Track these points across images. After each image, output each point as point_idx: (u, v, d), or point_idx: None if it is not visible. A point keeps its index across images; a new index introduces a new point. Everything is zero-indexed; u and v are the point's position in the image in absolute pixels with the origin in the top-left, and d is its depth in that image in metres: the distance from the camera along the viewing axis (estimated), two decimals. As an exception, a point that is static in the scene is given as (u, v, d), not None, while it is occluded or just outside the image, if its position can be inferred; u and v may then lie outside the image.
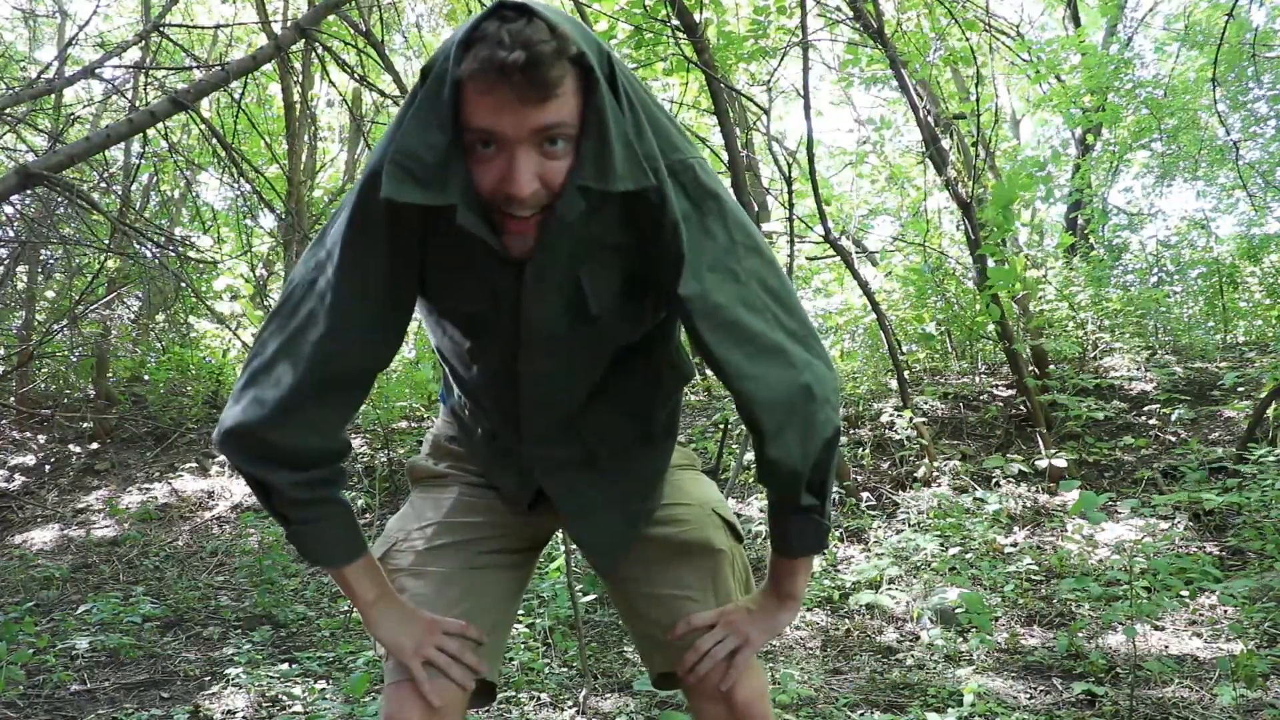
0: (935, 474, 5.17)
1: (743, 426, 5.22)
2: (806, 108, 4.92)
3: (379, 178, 1.08)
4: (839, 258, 6.01)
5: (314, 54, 6.02)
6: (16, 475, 6.33)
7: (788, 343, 1.20)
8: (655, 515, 1.41)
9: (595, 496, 1.36)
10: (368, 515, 5.82)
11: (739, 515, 4.68)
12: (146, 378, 7.92)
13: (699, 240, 1.16)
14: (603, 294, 1.19)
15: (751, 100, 6.23)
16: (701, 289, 1.15)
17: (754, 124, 7.16)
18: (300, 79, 7.13)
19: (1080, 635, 3.44)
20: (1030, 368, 5.85)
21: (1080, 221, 8.50)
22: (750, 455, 5.19)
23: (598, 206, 1.11)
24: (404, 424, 7.24)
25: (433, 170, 1.07)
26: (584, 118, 1.07)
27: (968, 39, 5.62)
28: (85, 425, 6.97)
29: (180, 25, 6.35)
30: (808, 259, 8.14)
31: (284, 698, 2.99)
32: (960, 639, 3.46)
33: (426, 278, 1.23)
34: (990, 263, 5.30)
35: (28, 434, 6.90)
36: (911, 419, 5.30)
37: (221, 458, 6.71)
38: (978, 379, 6.64)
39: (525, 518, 1.43)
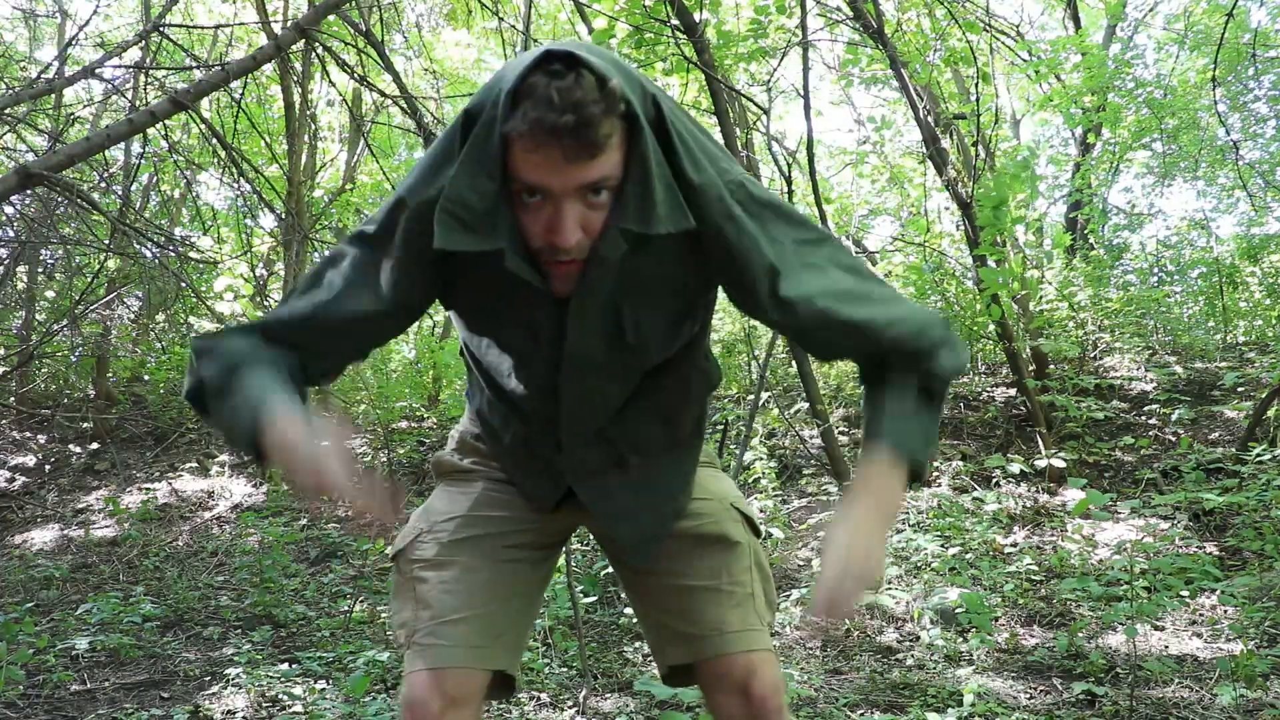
0: (935, 474, 5.17)
1: (742, 425, 5.19)
2: (806, 108, 4.92)
3: (407, 205, 1.16)
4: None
5: (314, 54, 6.02)
6: (17, 475, 6.33)
7: (896, 295, 1.26)
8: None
9: (628, 499, 1.39)
10: (368, 515, 5.81)
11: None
12: (146, 378, 7.92)
13: (773, 250, 1.20)
14: (643, 322, 1.24)
15: (751, 100, 6.23)
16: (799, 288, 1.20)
17: (754, 124, 7.15)
18: (300, 79, 7.13)
19: (1080, 635, 3.44)
20: (1030, 368, 5.85)
21: (1080, 221, 8.50)
22: (750, 455, 5.19)
23: (643, 245, 1.15)
24: (404, 424, 7.24)
25: (481, 216, 1.11)
26: (627, 163, 1.10)
27: (968, 39, 5.62)
28: (85, 425, 6.97)
29: (180, 25, 6.33)
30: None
31: (284, 698, 2.99)
32: (960, 639, 3.46)
33: (461, 303, 1.29)
34: (990, 262, 5.29)
35: (28, 434, 6.90)
36: (911, 419, 5.29)
37: (222, 458, 6.72)
38: (978, 379, 6.64)
39: (549, 516, 1.45)
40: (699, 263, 1.21)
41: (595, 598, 4.04)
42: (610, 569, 1.54)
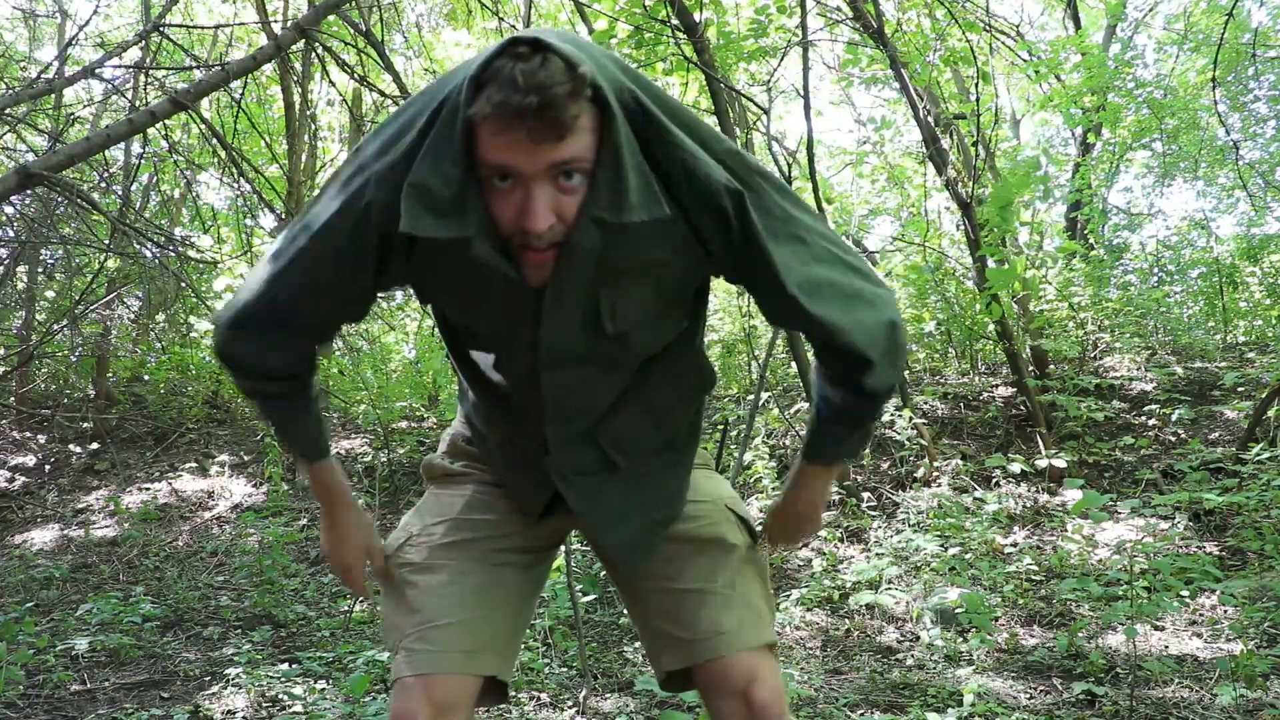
0: (935, 474, 5.17)
1: (742, 427, 5.18)
2: (806, 108, 4.92)
3: (368, 188, 1.13)
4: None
5: (314, 54, 6.02)
6: (17, 475, 6.33)
7: (860, 283, 1.24)
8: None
9: (619, 503, 1.35)
10: (368, 515, 5.81)
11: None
12: (146, 378, 7.92)
13: (764, 221, 1.18)
14: (621, 311, 1.21)
15: (751, 100, 6.23)
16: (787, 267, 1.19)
17: (754, 124, 7.15)
18: (300, 79, 7.12)
19: (1080, 635, 3.44)
20: (1030, 368, 5.85)
21: (1080, 221, 8.50)
22: (750, 455, 5.19)
23: (621, 233, 1.12)
24: (404, 424, 7.24)
25: (447, 203, 1.09)
26: (600, 149, 1.08)
27: (968, 39, 5.61)
28: (85, 425, 6.97)
29: (180, 25, 6.33)
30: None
31: (284, 698, 2.99)
32: (960, 639, 3.46)
33: (436, 292, 1.26)
34: (990, 263, 5.29)
35: (28, 434, 6.90)
36: (911, 419, 5.30)
37: (222, 458, 6.73)
38: (978, 379, 6.64)
39: (539, 523, 1.42)
40: (685, 247, 1.18)
41: (595, 597, 4.04)
42: (610, 569, 1.55)
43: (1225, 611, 3.62)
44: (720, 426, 5.64)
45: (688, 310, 1.31)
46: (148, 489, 6.19)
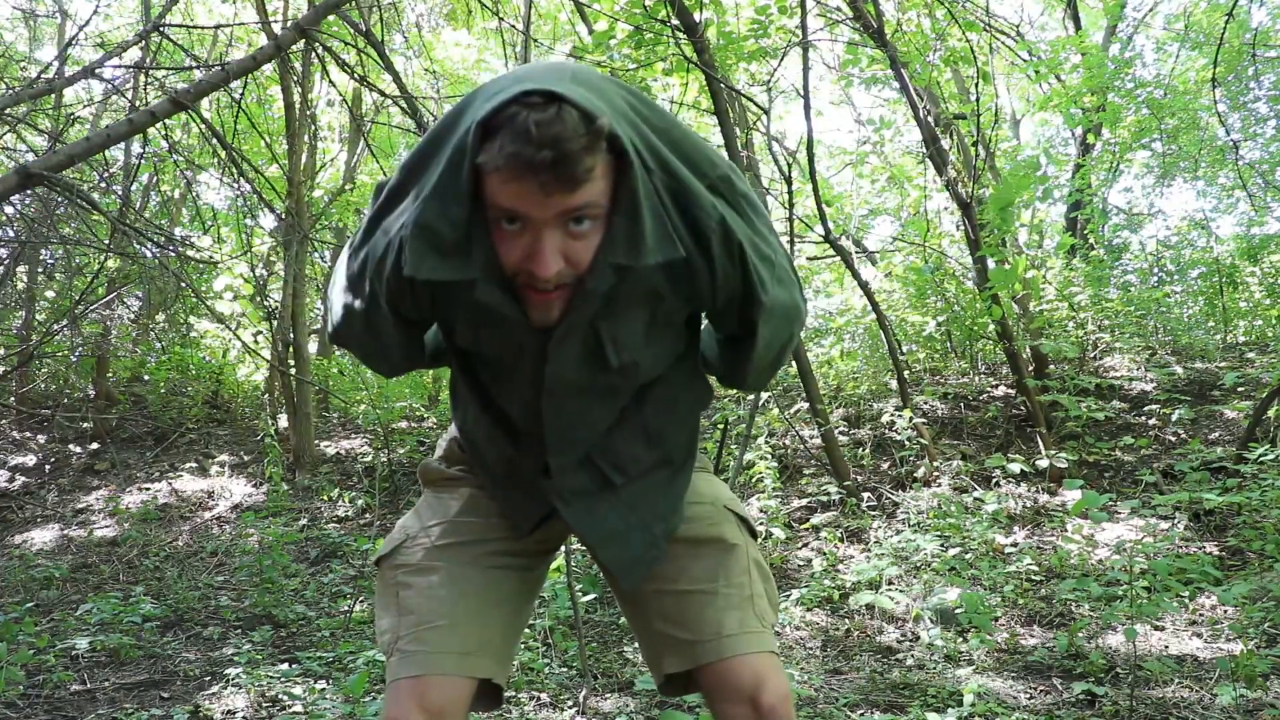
0: (935, 474, 5.17)
1: (742, 427, 5.17)
2: (806, 108, 4.92)
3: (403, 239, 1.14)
4: (839, 258, 6.01)
5: (314, 54, 6.01)
6: (17, 475, 6.33)
7: (798, 298, 1.28)
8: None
9: (617, 520, 1.34)
10: (368, 515, 5.82)
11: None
12: (146, 378, 7.93)
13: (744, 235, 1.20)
14: (623, 341, 1.21)
15: (751, 100, 6.23)
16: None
17: (754, 124, 7.16)
18: (300, 79, 7.12)
19: (1080, 635, 3.44)
20: (1030, 368, 5.85)
21: (1080, 221, 8.49)
22: (750, 456, 5.19)
23: (632, 272, 1.12)
24: (404, 424, 7.24)
25: (452, 245, 1.09)
26: (616, 193, 1.07)
27: (968, 39, 5.61)
28: (85, 425, 6.97)
29: (180, 25, 6.32)
30: (808, 259, 8.14)
31: (284, 698, 2.99)
32: (960, 639, 3.46)
33: (445, 317, 1.26)
34: (991, 263, 5.29)
35: (28, 434, 6.90)
36: (911, 419, 5.31)
37: (222, 458, 6.73)
38: (978, 379, 6.64)
39: (529, 537, 1.42)
40: (688, 278, 1.18)
41: (595, 597, 4.04)
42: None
43: (1225, 611, 3.62)
44: (720, 426, 5.64)
45: (684, 334, 1.31)
46: (148, 489, 6.19)
